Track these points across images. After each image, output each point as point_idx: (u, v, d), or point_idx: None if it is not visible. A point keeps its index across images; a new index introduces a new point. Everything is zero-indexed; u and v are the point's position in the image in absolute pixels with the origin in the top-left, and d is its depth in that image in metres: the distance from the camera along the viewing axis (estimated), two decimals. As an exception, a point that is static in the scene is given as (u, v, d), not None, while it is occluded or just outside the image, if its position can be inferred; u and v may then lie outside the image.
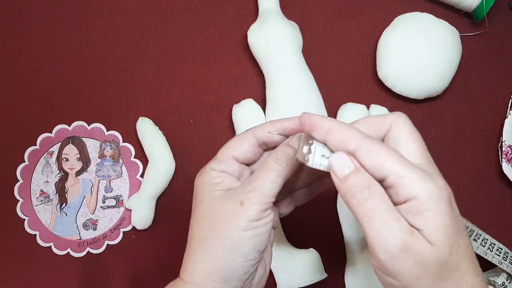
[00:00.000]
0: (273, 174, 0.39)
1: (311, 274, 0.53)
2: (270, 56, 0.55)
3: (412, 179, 0.33)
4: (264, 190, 0.39)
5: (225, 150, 0.41)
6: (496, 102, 0.58)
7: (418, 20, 0.56)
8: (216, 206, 0.39)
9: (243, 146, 0.41)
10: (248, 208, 0.38)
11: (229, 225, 0.38)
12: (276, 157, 0.39)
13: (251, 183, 0.39)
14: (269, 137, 0.41)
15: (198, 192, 0.41)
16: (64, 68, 0.60)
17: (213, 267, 0.38)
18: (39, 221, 0.58)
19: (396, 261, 0.32)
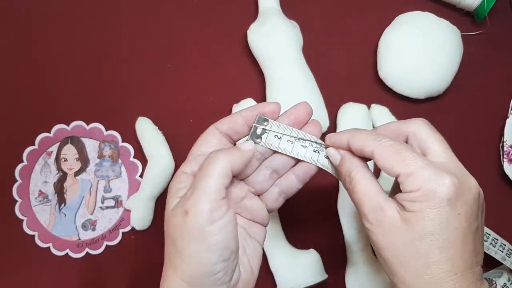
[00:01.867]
0: (213, 171, 0.36)
1: (311, 275, 0.53)
2: (270, 56, 0.55)
3: (415, 177, 0.35)
4: (206, 191, 0.35)
5: (195, 147, 0.40)
6: (498, 102, 0.58)
7: (418, 20, 0.56)
8: (169, 220, 0.37)
9: (212, 141, 0.40)
10: (193, 215, 0.35)
11: (184, 241, 0.36)
12: (215, 152, 0.38)
13: (191, 186, 0.37)
14: (231, 129, 0.40)
15: (168, 198, 0.39)
16: (63, 68, 0.59)
17: (184, 282, 0.36)
18: (37, 222, 0.58)
19: (375, 220, 0.36)
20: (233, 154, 0.38)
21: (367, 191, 0.37)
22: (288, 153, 0.41)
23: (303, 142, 0.41)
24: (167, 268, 0.38)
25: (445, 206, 0.34)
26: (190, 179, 0.38)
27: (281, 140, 0.40)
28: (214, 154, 0.37)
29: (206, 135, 0.41)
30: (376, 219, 0.36)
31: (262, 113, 0.40)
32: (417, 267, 0.34)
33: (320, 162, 0.41)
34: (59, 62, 0.60)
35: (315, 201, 0.57)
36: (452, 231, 0.34)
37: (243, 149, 0.39)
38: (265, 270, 0.56)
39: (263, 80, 0.57)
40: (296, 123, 0.41)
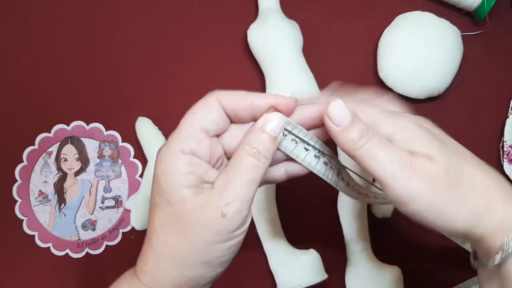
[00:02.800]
0: (255, 174, 0.34)
1: (311, 275, 0.53)
2: (270, 56, 0.55)
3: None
4: (245, 196, 0.33)
5: (191, 120, 0.34)
6: (498, 102, 0.58)
7: (419, 20, 0.56)
8: (189, 215, 0.33)
9: (212, 115, 0.34)
10: (231, 220, 0.33)
11: (206, 239, 0.33)
12: (252, 149, 0.34)
13: (229, 187, 0.33)
14: (233, 112, 0.35)
15: (162, 184, 0.34)
16: (63, 68, 0.59)
17: (183, 279, 0.35)
18: (37, 222, 0.58)
19: (409, 185, 0.33)
20: (273, 151, 0.34)
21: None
22: (289, 152, 0.37)
23: (308, 146, 0.37)
24: (159, 260, 0.35)
25: (428, 133, 0.36)
26: (193, 162, 0.34)
27: (285, 138, 0.36)
28: (260, 149, 0.34)
29: (205, 106, 0.35)
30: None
31: (281, 107, 0.35)
32: None
33: (317, 168, 0.38)
34: (59, 62, 0.59)
35: (315, 201, 0.57)
36: (449, 140, 0.37)
37: (275, 138, 0.34)
38: (265, 270, 0.56)
39: (263, 80, 0.57)
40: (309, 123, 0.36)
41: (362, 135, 0.33)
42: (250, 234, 0.56)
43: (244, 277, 0.57)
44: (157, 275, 0.35)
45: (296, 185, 0.57)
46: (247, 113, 0.35)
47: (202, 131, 0.34)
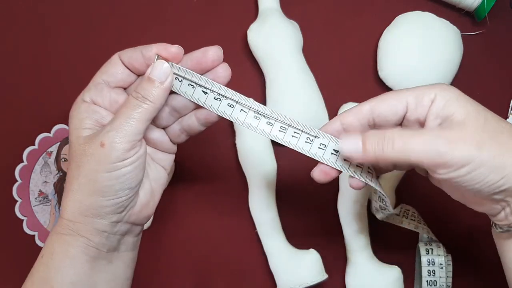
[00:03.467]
0: (136, 113, 0.38)
1: (311, 275, 0.53)
2: (270, 56, 0.55)
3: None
4: (126, 130, 0.37)
5: (97, 76, 0.40)
6: (497, 102, 0.58)
7: (419, 20, 0.56)
8: (81, 147, 0.38)
9: (113, 70, 0.40)
10: (108, 150, 0.37)
11: (92, 168, 0.38)
12: (137, 94, 0.38)
13: (112, 121, 0.38)
14: (131, 64, 0.40)
15: (69, 128, 0.40)
16: (63, 68, 0.59)
17: (83, 206, 0.38)
18: (37, 222, 0.58)
19: (453, 155, 0.35)
20: (163, 96, 0.39)
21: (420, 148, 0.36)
22: (189, 97, 0.40)
23: (205, 89, 0.40)
24: (67, 193, 0.39)
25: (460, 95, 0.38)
26: (91, 108, 0.39)
27: (182, 83, 0.40)
28: (146, 93, 0.38)
29: (109, 64, 0.40)
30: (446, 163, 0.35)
31: (163, 54, 0.39)
32: None
33: (221, 110, 0.41)
34: (59, 62, 0.60)
35: (315, 201, 0.57)
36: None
37: (162, 82, 0.38)
38: (265, 270, 0.56)
39: (263, 80, 0.57)
40: (199, 67, 0.40)
41: (381, 146, 0.37)
42: (250, 234, 0.56)
43: (244, 277, 0.57)
44: (65, 207, 0.39)
45: (296, 184, 0.58)
46: (142, 64, 0.40)
47: (103, 83, 0.40)
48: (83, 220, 0.39)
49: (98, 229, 0.39)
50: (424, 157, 0.35)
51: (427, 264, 0.51)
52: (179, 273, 0.57)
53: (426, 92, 0.38)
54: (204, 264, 0.57)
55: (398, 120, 0.40)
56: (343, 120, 0.40)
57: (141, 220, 0.42)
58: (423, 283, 0.51)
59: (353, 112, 0.40)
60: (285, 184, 0.57)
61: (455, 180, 0.36)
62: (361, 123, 0.40)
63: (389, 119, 0.39)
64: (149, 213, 0.42)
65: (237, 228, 0.57)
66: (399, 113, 0.39)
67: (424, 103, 0.38)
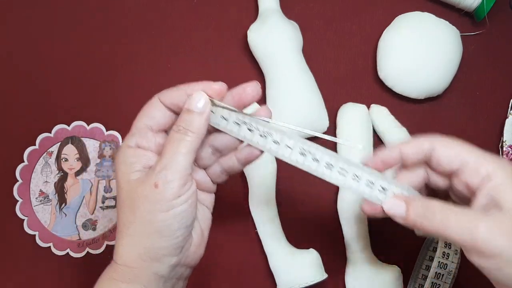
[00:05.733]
0: (181, 147, 0.37)
1: (311, 275, 0.53)
2: (270, 56, 0.55)
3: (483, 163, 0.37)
4: (176, 166, 0.37)
5: (138, 120, 0.40)
6: (497, 102, 0.58)
7: (418, 20, 0.56)
8: (133, 190, 0.38)
9: (155, 113, 0.40)
10: (163, 189, 0.37)
11: (149, 210, 0.37)
12: (177, 127, 0.38)
13: (161, 160, 0.38)
14: (174, 105, 0.40)
15: (116, 174, 0.39)
16: (64, 68, 0.59)
17: (140, 250, 0.38)
18: (38, 222, 0.58)
19: (490, 248, 0.34)
20: (204, 124, 0.38)
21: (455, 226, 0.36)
22: (235, 135, 0.40)
23: (250, 125, 0.40)
24: (122, 236, 0.39)
25: None
26: (138, 152, 0.39)
27: (228, 122, 0.40)
28: (187, 125, 0.38)
29: (149, 107, 0.40)
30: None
31: (208, 93, 0.39)
32: None
33: (268, 147, 0.40)
34: (60, 63, 0.60)
35: (315, 201, 0.57)
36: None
37: (201, 112, 0.38)
38: (265, 270, 0.56)
39: (263, 80, 0.57)
40: (240, 103, 0.40)
41: (422, 216, 0.37)
42: (250, 234, 0.56)
43: (244, 277, 0.57)
44: (121, 252, 0.39)
45: (296, 185, 0.58)
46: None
47: (146, 127, 0.40)
48: (141, 265, 0.38)
49: (157, 273, 0.38)
50: (460, 238, 0.35)
51: (438, 266, 0.50)
52: (180, 272, 0.57)
53: (485, 161, 0.38)
54: (204, 264, 0.57)
55: (449, 172, 0.39)
56: (403, 149, 0.40)
57: (195, 262, 0.42)
58: (427, 283, 0.51)
59: (413, 145, 0.40)
60: (285, 184, 0.57)
61: (485, 269, 0.35)
62: (417, 158, 0.40)
63: (443, 168, 0.39)
64: (201, 253, 0.42)
65: (237, 228, 0.57)
66: (453, 167, 0.39)
67: (481, 172, 0.37)
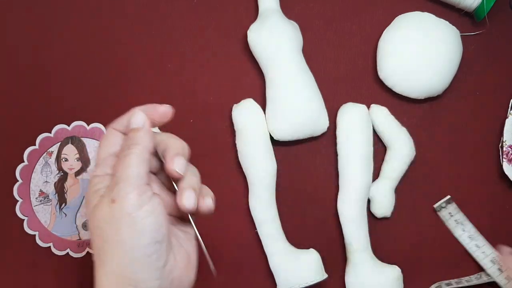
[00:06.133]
0: (131, 159, 0.37)
1: (311, 275, 0.53)
2: (270, 56, 0.55)
3: None
4: (128, 177, 0.37)
5: (100, 152, 0.41)
6: (497, 102, 0.58)
7: (418, 20, 0.56)
8: (95, 217, 0.37)
9: (113, 141, 0.41)
10: (121, 203, 0.36)
11: (114, 230, 0.36)
12: (123, 146, 0.39)
13: (113, 178, 0.37)
14: (125, 126, 0.41)
15: (86, 206, 0.39)
16: (64, 68, 0.59)
17: (118, 278, 0.36)
18: (38, 222, 0.58)
19: None
20: (146, 136, 0.39)
21: None
22: None
23: None
24: (98, 268, 0.37)
25: None
26: (106, 179, 0.39)
27: None
28: (132, 141, 0.39)
29: (106, 137, 0.41)
30: None
31: (153, 115, 0.41)
32: None
33: None
34: (60, 62, 0.59)
35: (315, 201, 0.57)
36: None
37: (141, 127, 0.40)
38: (265, 270, 0.56)
39: (263, 80, 0.57)
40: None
41: None
42: (250, 234, 0.56)
43: (244, 277, 0.57)
44: (100, 282, 0.38)
45: (296, 185, 0.58)
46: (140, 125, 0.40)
47: (109, 155, 0.40)
48: None
49: None
50: None
51: None
52: (180, 272, 0.57)
53: None
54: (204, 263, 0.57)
55: None
56: None
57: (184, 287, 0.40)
58: None
59: None
60: (285, 184, 0.57)
61: None
62: None
63: None
64: (191, 278, 0.41)
65: (237, 228, 0.57)
66: None
67: None
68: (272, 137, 0.56)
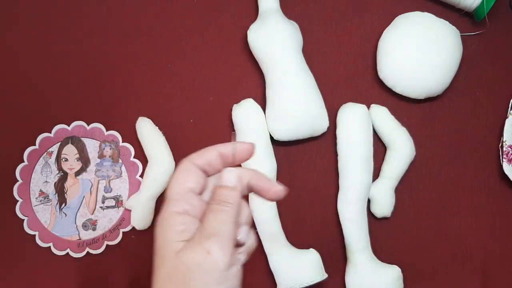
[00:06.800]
0: (224, 215, 0.36)
1: (311, 275, 0.53)
2: (270, 56, 0.55)
3: None
4: (224, 234, 0.36)
5: (177, 185, 0.38)
6: (497, 102, 0.58)
7: (418, 20, 0.56)
8: (181, 262, 0.35)
9: (192, 177, 0.39)
10: (216, 256, 0.35)
11: (204, 282, 0.34)
12: (217, 200, 0.37)
13: (207, 228, 0.36)
14: (207, 164, 0.39)
15: (158, 245, 0.37)
16: (64, 68, 0.59)
17: None
18: (38, 222, 0.58)
19: None
20: (238, 197, 0.38)
21: None
22: None
23: None
24: None
25: None
26: (189, 220, 0.37)
27: None
28: (224, 197, 0.37)
29: (184, 171, 0.39)
30: None
31: (238, 151, 0.40)
32: None
33: None
34: (60, 63, 0.60)
35: (315, 201, 0.58)
36: None
37: (235, 187, 0.38)
38: (265, 270, 0.56)
39: (263, 80, 0.57)
40: None
41: None
42: (250, 234, 0.56)
43: (244, 277, 0.57)
44: None
45: (296, 185, 0.58)
46: (218, 164, 0.39)
47: (189, 192, 0.38)
48: None
49: None
50: None
51: None
52: (180, 272, 0.57)
53: None
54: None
55: None
56: None
57: None
58: None
59: None
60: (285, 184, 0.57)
61: None
62: None
63: None
64: None
65: (237, 228, 0.57)
66: None
67: None
68: (272, 137, 0.56)
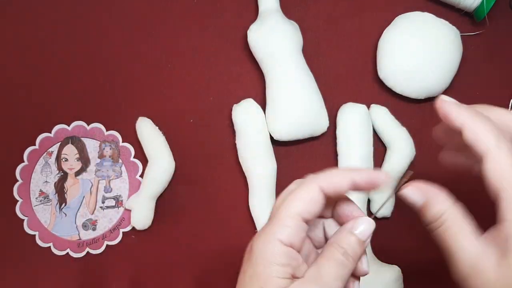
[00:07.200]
0: (343, 272, 0.34)
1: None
2: (270, 56, 0.55)
3: None
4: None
5: (293, 208, 0.34)
6: (497, 102, 0.58)
7: (418, 20, 0.56)
8: None
9: (314, 204, 0.34)
10: None
11: None
12: (340, 248, 0.34)
13: (318, 281, 0.33)
14: (335, 190, 0.34)
15: (259, 272, 0.33)
16: (64, 68, 0.59)
17: None
18: (38, 222, 0.58)
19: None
20: (362, 251, 0.36)
21: (460, 245, 0.35)
22: None
23: None
24: None
25: None
26: (293, 255, 0.33)
27: None
28: (350, 248, 0.34)
29: (306, 195, 0.34)
30: (470, 276, 0.34)
31: (373, 180, 0.36)
32: None
33: None
34: (60, 62, 0.60)
35: (315, 201, 0.57)
36: None
37: (365, 242, 0.36)
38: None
39: (263, 80, 0.57)
40: None
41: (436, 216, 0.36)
42: (250, 234, 0.56)
43: None
44: None
45: (296, 185, 0.58)
46: (345, 190, 0.35)
47: (302, 221, 0.34)
48: None
49: None
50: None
51: None
52: (179, 273, 0.57)
53: None
54: (204, 264, 0.57)
55: None
56: None
57: None
58: None
59: None
60: (285, 184, 0.57)
61: None
62: None
63: None
64: None
65: (237, 228, 0.57)
66: None
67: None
68: (272, 137, 0.56)
